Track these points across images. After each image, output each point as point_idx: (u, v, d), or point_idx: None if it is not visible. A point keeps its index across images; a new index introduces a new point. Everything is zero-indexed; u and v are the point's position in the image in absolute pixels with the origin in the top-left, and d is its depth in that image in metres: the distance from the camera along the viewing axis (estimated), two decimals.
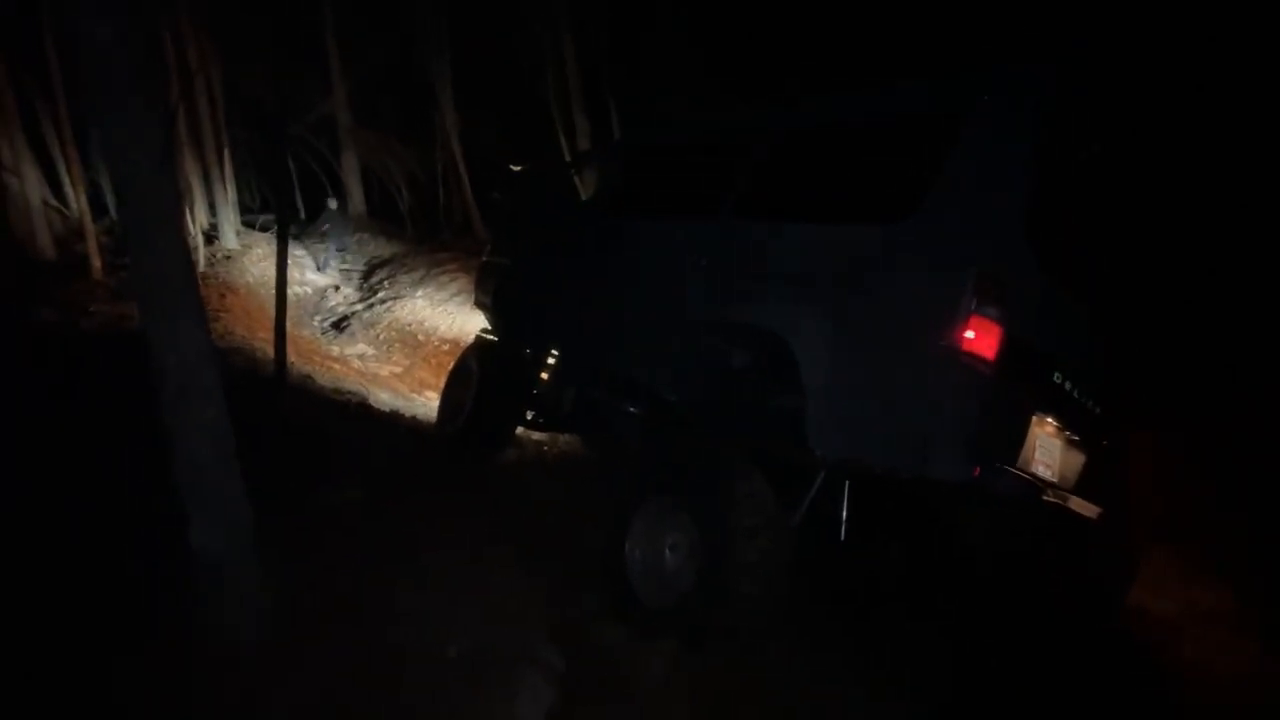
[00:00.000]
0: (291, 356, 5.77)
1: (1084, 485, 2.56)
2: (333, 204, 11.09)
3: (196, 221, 9.86)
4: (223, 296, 7.79)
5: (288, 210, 5.39)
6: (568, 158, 10.57)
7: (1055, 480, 2.42)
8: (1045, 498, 2.26)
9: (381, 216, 14.34)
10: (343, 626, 2.22)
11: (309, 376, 5.72)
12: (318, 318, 8.92)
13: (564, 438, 5.05)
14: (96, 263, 7.40)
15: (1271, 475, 4.44)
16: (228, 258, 9.65)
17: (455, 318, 8.28)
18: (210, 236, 10.49)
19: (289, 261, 5.03)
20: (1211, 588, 4.23)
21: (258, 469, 2.20)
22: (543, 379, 4.12)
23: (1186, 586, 4.23)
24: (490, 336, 4.46)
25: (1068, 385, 2.39)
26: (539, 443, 5.14)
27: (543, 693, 2.25)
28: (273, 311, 4.44)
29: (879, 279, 2.25)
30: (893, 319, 2.19)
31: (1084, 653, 3.02)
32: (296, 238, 12.38)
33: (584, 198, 4.83)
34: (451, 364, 4.70)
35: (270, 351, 4.83)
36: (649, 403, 3.21)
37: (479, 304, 4.71)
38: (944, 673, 2.89)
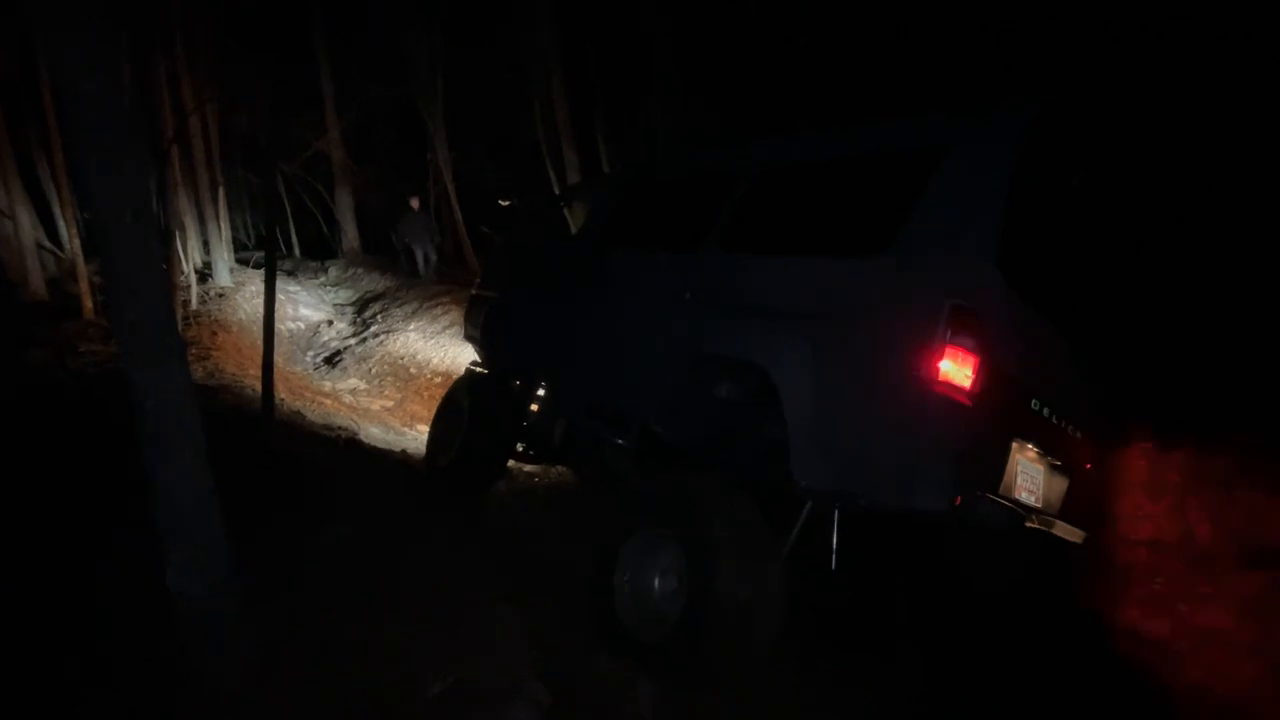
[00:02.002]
0: (282, 393, 5.77)
1: (1069, 509, 2.56)
2: (415, 203, 11.08)
3: (189, 259, 9.93)
4: (214, 334, 7.80)
5: (276, 245, 5.43)
6: (557, 191, 10.73)
7: (1039, 506, 2.43)
8: (1029, 524, 2.26)
9: (375, 251, 14.47)
10: (327, 664, 2.19)
11: (299, 412, 5.70)
12: (310, 353, 8.92)
13: (555, 469, 5.03)
14: (88, 303, 7.43)
15: (1264, 490, 4.44)
16: (220, 295, 9.69)
17: (448, 350, 8.30)
18: (203, 274, 10.55)
19: (282, 297, 5.07)
20: (1207, 607, 4.20)
21: (244, 506, 2.20)
22: (533, 411, 4.12)
23: (1181, 606, 4.19)
24: (480, 369, 4.47)
25: (1046, 411, 2.41)
26: (530, 474, 5.12)
27: None
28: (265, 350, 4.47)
29: (857, 311, 2.29)
30: (870, 350, 2.22)
31: (1078, 673, 2.98)
32: (290, 273, 12.47)
33: (573, 231, 4.91)
34: (441, 397, 4.71)
35: (260, 388, 4.83)
36: (638, 434, 3.22)
37: (469, 336, 4.74)
38: (940, 699, 2.85)
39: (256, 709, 1.97)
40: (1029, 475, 2.38)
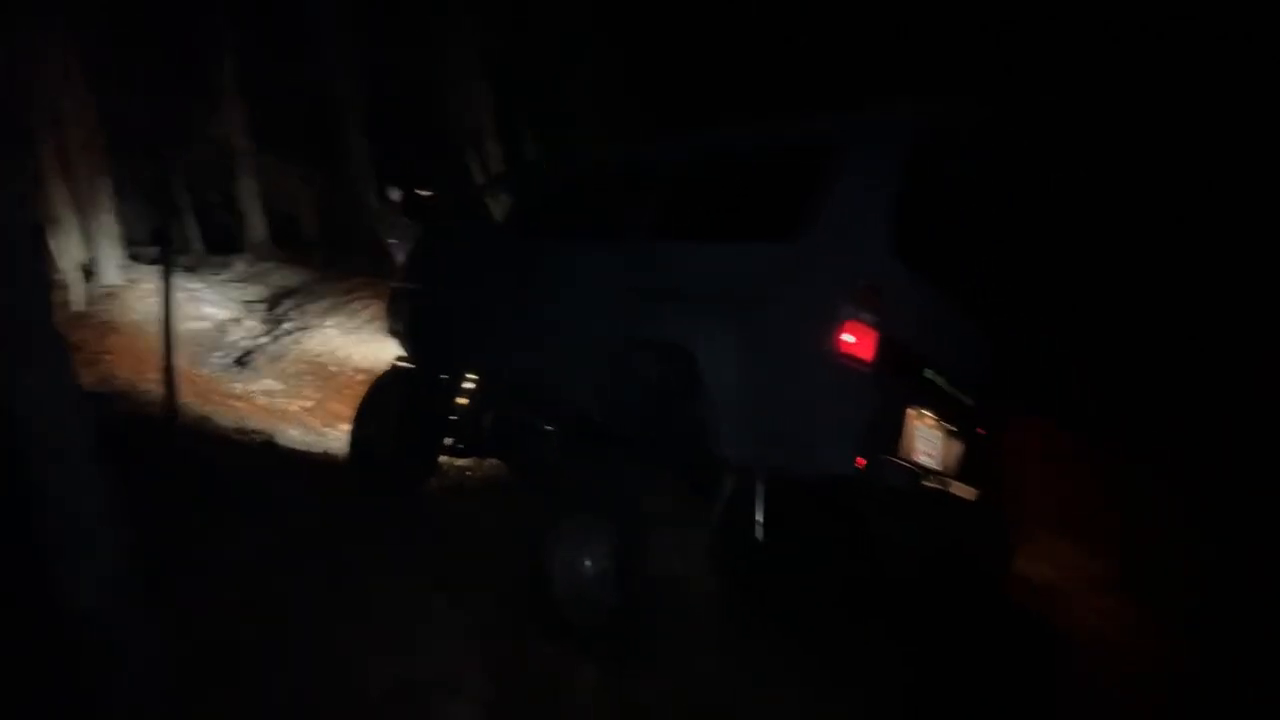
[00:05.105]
0: (188, 397, 5.39)
1: (963, 470, 2.82)
2: (394, 194, 9.95)
3: (70, 257, 9.06)
4: (104, 337, 7.18)
5: (172, 238, 5.06)
6: (480, 181, 10.50)
7: (937, 467, 2.66)
8: (926, 483, 2.48)
9: (286, 244, 13.64)
10: (255, 674, 2.12)
11: (207, 417, 5.36)
12: (217, 354, 8.34)
13: (487, 462, 4.99)
14: None
15: (1144, 458, 5.04)
16: (109, 294, 8.90)
17: (369, 346, 8.00)
18: (88, 272, 9.63)
19: (182, 295, 4.72)
20: (1094, 558, 4.71)
21: (151, 517, 2.06)
22: (461, 404, 4.07)
23: (1071, 558, 4.69)
24: (405, 364, 4.36)
25: (940, 381, 2.64)
26: (462, 469, 5.05)
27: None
28: (163, 351, 4.17)
29: (770, 292, 2.45)
30: (783, 327, 2.38)
31: (981, 623, 3.27)
32: (191, 269, 11.56)
33: (497, 221, 4.85)
34: (363, 395, 4.56)
35: (162, 393, 4.51)
36: (567, 421, 3.25)
37: (392, 331, 4.61)
38: (872, 665, 3.05)
39: None
40: (927, 439, 2.60)
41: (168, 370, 3.59)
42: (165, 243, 3.85)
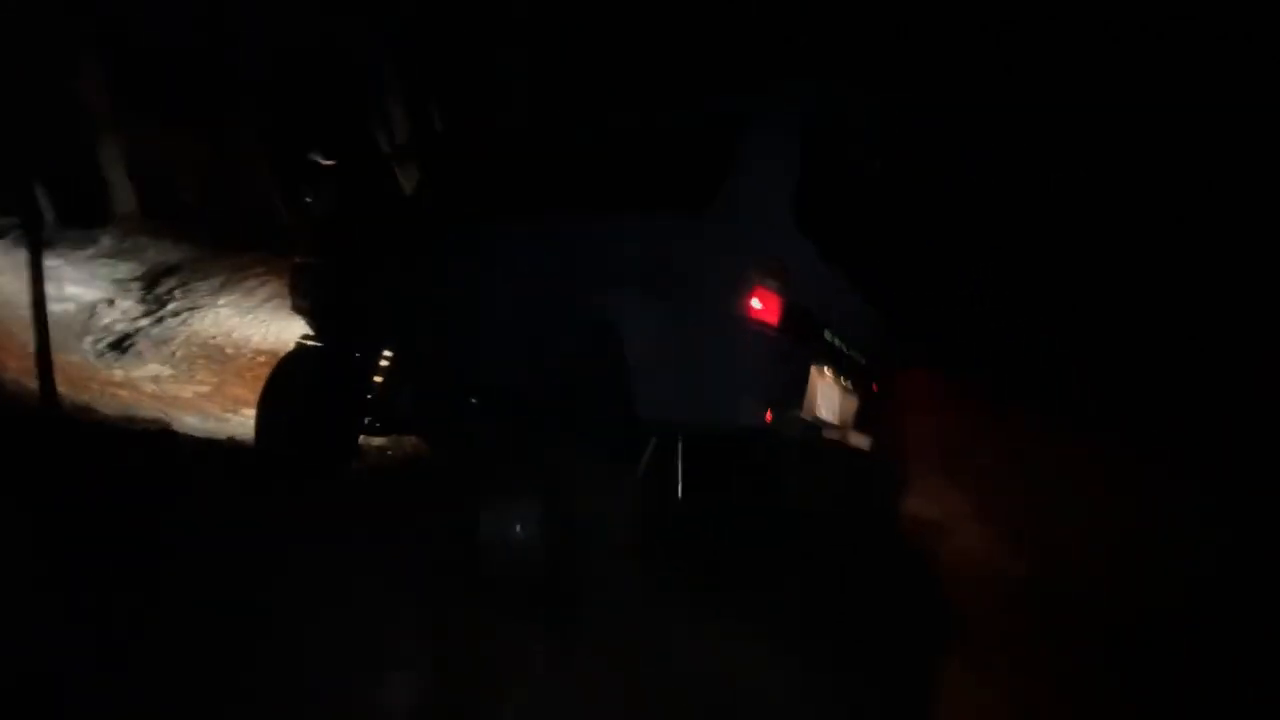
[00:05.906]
0: (61, 386, 4.92)
1: (859, 423, 3.15)
2: (318, 159, 8.88)
3: None
4: None
5: (34, 209, 4.53)
6: (386, 151, 9.96)
7: (835, 421, 2.96)
8: (826, 435, 2.77)
9: (163, 215, 12.38)
10: (182, 671, 2.06)
11: (88, 408, 4.91)
12: (89, 338, 7.57)
13: (407, 440, 4.92)
14: None
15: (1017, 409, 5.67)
16: None
17: (270, 326, 7.53)
18: None
19: (41, 273, 4.25)
20: (967, 497, 5.34)
21: (50, 516, 1.94)
22: (377, 382, 3.99)
23: (949, 497, 5.29)
24: (314, 342, 4.20)
25: (838, 342, 2.92)
26: (381, 448, 4.96)
27: (413, 696, 2.29)
28: (22, 337, 3.76)
29: (684, 262, 2.62)
30: (696, 294, 2.56)
31: (874, 555, 3.67)
32: (47, 244, 10.28)
33: (410, 192, 4.71)
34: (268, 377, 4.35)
35: (27, 385, 4.10)
36: (491, 393, 3.30)
37: (297, 308, 4.42)
38: (784, 603, 3.34)
39: None
40: (826, 395, 2.88)
41: (43, 357, 3.28)
42: (29, 213, 3.48)
